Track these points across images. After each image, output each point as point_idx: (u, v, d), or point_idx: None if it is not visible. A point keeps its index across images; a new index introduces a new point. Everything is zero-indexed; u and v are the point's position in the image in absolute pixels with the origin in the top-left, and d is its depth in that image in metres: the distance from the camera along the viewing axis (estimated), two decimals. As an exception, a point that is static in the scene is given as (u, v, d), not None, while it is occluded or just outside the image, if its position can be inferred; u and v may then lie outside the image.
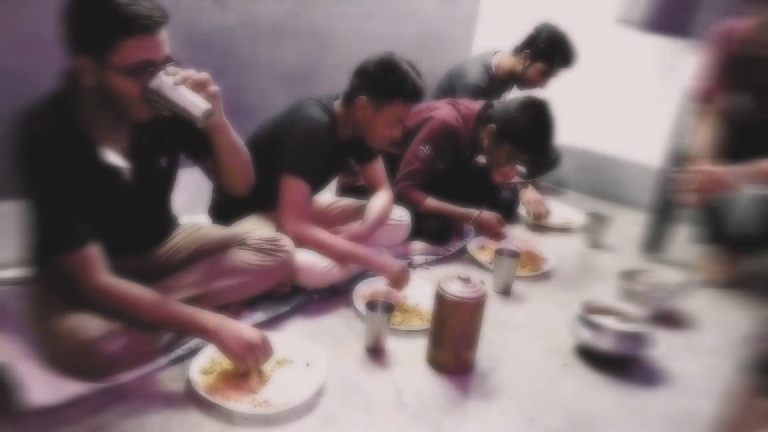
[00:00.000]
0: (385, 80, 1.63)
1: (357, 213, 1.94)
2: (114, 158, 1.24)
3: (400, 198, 2.06)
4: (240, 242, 1.49)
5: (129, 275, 1.22)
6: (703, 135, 1.87)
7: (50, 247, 1.16)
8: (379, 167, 1.92)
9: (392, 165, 2.09)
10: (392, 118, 1.67)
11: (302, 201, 1.65)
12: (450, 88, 2.62)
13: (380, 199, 1.87)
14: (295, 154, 1.62)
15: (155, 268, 1.41)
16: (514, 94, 2.64)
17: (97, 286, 1.16)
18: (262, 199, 1.62)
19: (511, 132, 2.01)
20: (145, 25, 1.10)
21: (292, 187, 1.63)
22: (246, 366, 1.21)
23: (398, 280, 1.67)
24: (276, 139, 1.67)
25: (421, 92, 1.67)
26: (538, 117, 1.99)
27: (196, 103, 1.15)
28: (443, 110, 2.12)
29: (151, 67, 1.13)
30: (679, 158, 1.97)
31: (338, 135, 1.72)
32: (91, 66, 1.11)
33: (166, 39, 1.15)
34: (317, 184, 1.81)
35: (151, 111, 1.17)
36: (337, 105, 1.74)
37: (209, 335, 1.21)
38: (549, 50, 2.44)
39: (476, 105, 2.18)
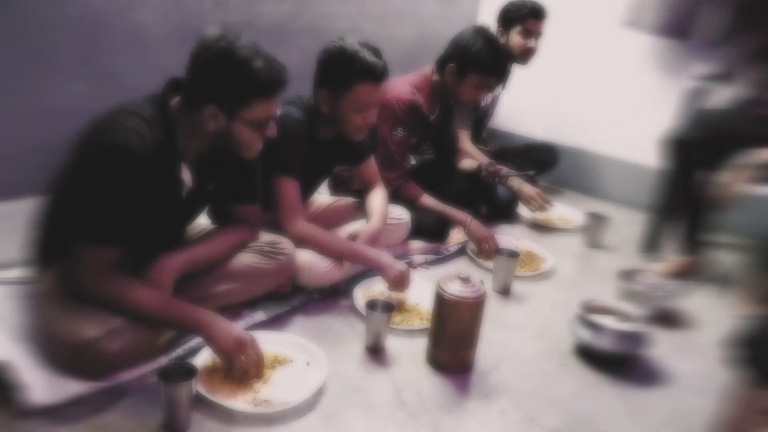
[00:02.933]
0: (337, 68, 1.57)
1: (354, 211, 1.94)
2: (185, 175, 1.32)
3: (395, 195, 2.07)
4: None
5: (135, 272, 1.23)
6: None
7: (84, 235, 1.16)
8: (372, 165, 1.91)
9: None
10: (358, 104, 1.60)
11: (294, 198, 1.64)
12: None
13: (378, 196, 1.87)
14: (276, 153, 1.59)
15: None
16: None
17: (99, 281, 1.17)
18: (263, 201, 1.62)
19: (472, 61, 2.02)
20: (276, 89, 1.25)
21: (282, 187, 1.62)
22: (232, 363, 1.21)
23: (398, 283, 1.64)
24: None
25: (376, 68, 1.57)
26: (489, 39, 2.03)
27: None
28: (396, 88, 2.08)
29: (271, 119, 1.28)
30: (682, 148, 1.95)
31: (318, 132, 1.69)
32: (218, 114, 1.21)
33: None
34: (305, 181, 1.75)
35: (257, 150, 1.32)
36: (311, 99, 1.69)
37: (201, 329, 1.21)
38: (515, 12, 2.46)
39: (426, 69, 2.17)
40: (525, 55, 2.50)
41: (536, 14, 2.45)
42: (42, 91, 1.61)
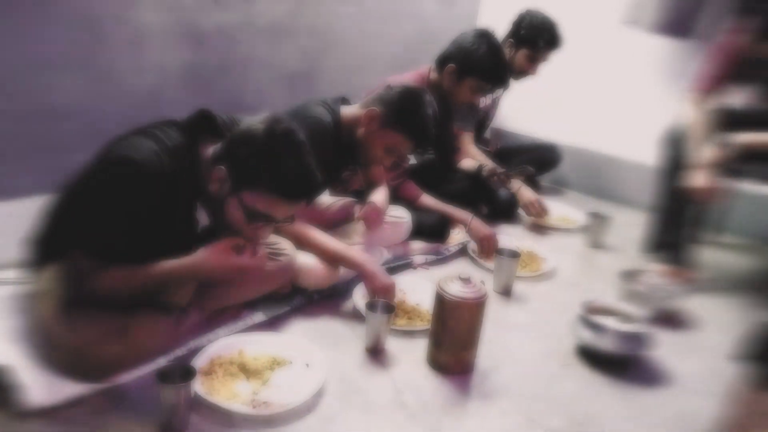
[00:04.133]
0: (405, 109, 1.64)
1: (354, 212, 1.94)
2: (202, 214, 1.27)
3: (394, 194, 2.06)
4: None
5: None
6: (695, 120, 1.88)
7: (85, 246, 1.15)
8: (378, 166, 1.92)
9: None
10: (389, 145, 1.67)
11: None
12: None
13: (380, 193, 1.88)
14: None
15: None
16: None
17: (96, 277, 1.16)
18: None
19: (473, 65, 2.02)
20: (295, 200, 1.18)
21: None
22: (246, 250, 1.20)
23: (381, 294, 1.56)
24: None
25: (429, 142, 1.70)
26: (492, 45, 2.03)
27: None
28: None
29: (270, 222, 1.20)
30: (677, 149, 1.95)
31: (341, 137, 1.71)
32: (225, 181, 1.16)
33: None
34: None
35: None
36: (344, 108, 1.73)
37: (199, 269, 1.19)
38: (531, 34, 2.45)
39: (424, 68, 2.17)
40: (523, 75, 2.53)
41: (551, 46, 2.47)
42: (42, 90, 1.61)
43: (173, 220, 1.23)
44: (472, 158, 2.49)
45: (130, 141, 1.16)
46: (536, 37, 2.44)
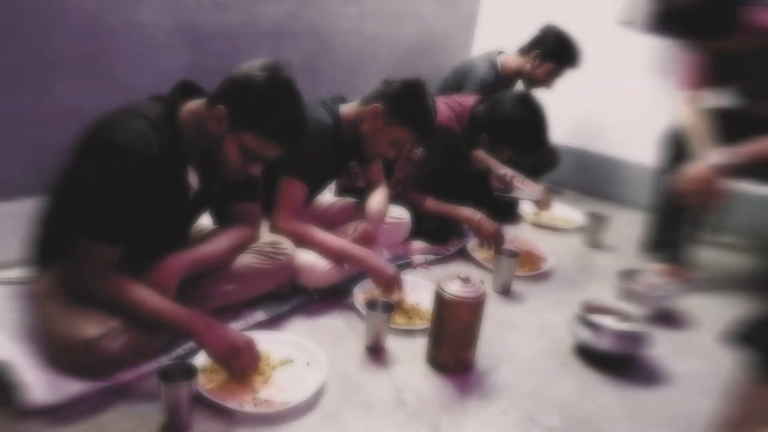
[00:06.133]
0: (407, 102, 1.65)
1: (356, 212, 1.95)
2: (192, 178, 1.32)
3: (399, 200, 2.07)
4: None
5: (138, 273, 1.23)
6: (693, 119, 1.87)
7: (83, 232, 1.16)
8: (377, 166, 1.94)
9: (388, 166, 2.08)
10: (395, 139, 1.69)
11: (297, 201, 1.66)
12: (456, 84, 2.63)
13: (379, 196, 1.89)
14: (294, 155, 1.62)
15: None
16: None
17: (98, 280, 1.17)
18: (264, 202, 1.63)
19: (507, 137, 2.01)
20: (283, 142, 1.26)
21: (289, 187, 1.64)
22: (228, 368, 1.21)
23: (389, 286, 1.62)
24: None
25: (431, 132, 1.72)
26: (531, 116, 1.97)
27: None
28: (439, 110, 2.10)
29: (263, 161, 1.29)
30: (676, 150, 1.96)
31: (342, 137, 1.72)
32: (224, 120, 1.21)
33: None
34: (316, 186, 1.81)
35: (236, 177, 1.32)
36: (344, 107, 1.74)
37: (194, 335, 1.20)
38: (558, 50, 2.50)
39: (469, 100, 2.16)
40: (538, 84, 2.56)
41: (575, 64, 2.52)
42: (42, 91, 1.62)
43: (166, 190, 1.26)
44: (483, 162, 2.47)
45: (115, 123, 1.18)
46: (562, 54, 2.49)
